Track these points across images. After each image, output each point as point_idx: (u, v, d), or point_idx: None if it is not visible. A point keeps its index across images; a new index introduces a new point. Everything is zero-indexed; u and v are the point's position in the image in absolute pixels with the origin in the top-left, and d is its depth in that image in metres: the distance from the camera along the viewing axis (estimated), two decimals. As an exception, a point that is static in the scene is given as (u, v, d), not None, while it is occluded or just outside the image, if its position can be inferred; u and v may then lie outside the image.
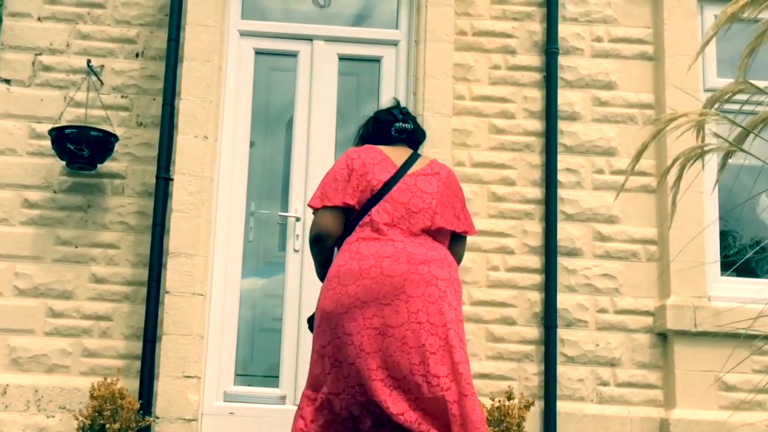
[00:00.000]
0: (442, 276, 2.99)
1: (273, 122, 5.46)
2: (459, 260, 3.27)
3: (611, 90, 5.41)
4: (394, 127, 3.35)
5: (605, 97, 5.40)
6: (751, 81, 2.46)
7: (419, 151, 3.38)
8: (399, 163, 3.21)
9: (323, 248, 3.19)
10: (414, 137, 3.41)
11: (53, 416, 4.81)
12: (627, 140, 5.32)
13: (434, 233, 3.13)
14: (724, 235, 5.41)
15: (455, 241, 3.26)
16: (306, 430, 2.94)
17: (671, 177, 2.33)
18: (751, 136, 2.42)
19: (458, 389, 2.84)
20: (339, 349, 2.93)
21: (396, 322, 2.89)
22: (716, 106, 2.23)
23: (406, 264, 2.96)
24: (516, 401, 4.31)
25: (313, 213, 3.21)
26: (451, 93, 5.15)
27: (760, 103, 2.59)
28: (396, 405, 2.83)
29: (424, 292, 2.93)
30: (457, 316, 2.99)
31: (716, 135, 2.62)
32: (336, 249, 3.19)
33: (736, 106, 2.70)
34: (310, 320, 3.21)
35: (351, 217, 3.16)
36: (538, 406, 4.96)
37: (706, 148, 2.48)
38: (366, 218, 3.10)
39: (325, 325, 2.99)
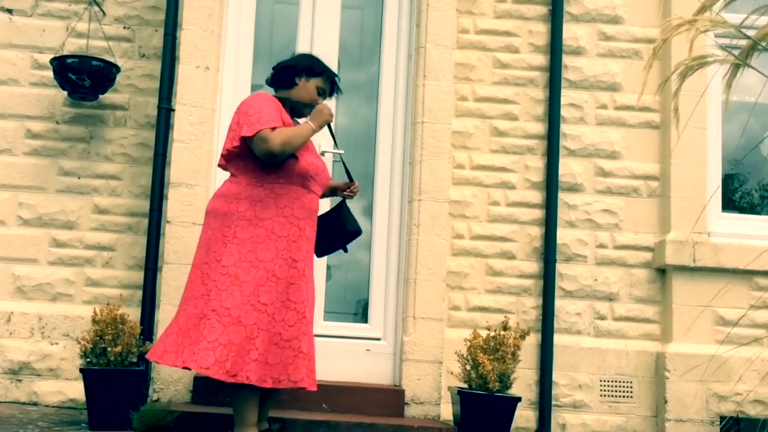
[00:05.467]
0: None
1: (276, 59, 5.39)
2: (261, 156, 3.49)
3: (617, 24, 5.34)
4: None
5: (611, 31, 5.34)
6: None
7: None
8: None
9: None
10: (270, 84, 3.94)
11: (57, 343, 4.89)
12: (632, 76, 5.27)
13: (230, 159, 3.62)
14: (730, 177, 5.37)
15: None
16: None
17: (673, 85, 2.30)
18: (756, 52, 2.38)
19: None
20: None
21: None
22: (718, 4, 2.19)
23: None
24: (512, 331, 4.34)
25: None
26: (455, 25, 5.08)
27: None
28: None
29: None
30: (200, 240, 3.61)
31: (722, 48, 2.58)
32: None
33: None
34: None
35: None
36: (535, 339, 5.00)
37: (709, 59, 2.44)
38: None
39: None
